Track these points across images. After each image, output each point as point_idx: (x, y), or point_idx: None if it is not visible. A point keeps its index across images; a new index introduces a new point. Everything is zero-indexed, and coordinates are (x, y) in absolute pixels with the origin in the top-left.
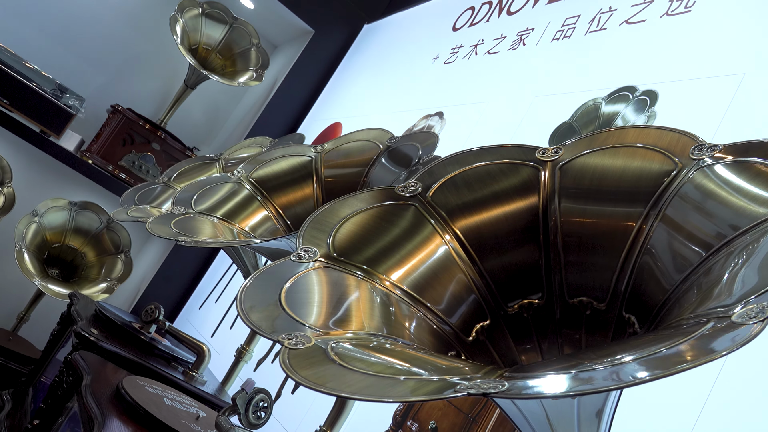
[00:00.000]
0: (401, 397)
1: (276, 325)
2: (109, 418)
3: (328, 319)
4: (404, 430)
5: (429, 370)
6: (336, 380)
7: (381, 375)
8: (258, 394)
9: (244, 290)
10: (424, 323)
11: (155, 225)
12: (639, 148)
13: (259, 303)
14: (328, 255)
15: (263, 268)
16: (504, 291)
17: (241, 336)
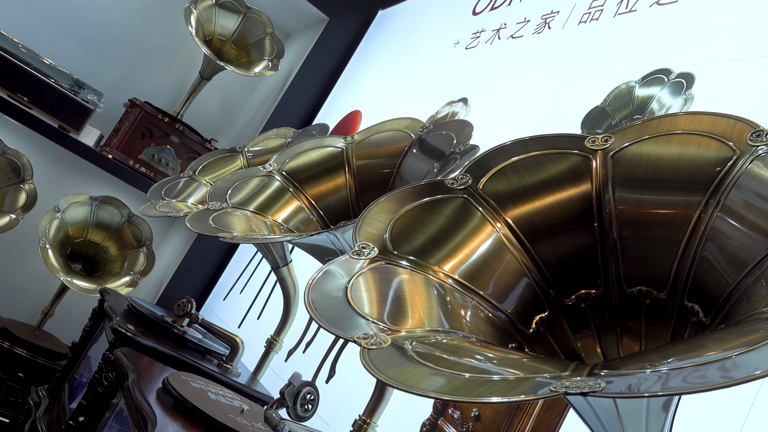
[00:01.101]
0: (497, 398)
1: (347, 324)
2: (160, 414)
3: (393, 316)
4: (445, 417)
5: (515, 367)
6: (426, 381)
7: (471, 375)
8: (305, 387)
9: (310, 290)
10: (483, 315)
11: (194, 222)
12: (693, 135)
13: (326, 302)
14: (385, 250)
15: (324, 267)
16: (560, 281)
17: (269, 326)
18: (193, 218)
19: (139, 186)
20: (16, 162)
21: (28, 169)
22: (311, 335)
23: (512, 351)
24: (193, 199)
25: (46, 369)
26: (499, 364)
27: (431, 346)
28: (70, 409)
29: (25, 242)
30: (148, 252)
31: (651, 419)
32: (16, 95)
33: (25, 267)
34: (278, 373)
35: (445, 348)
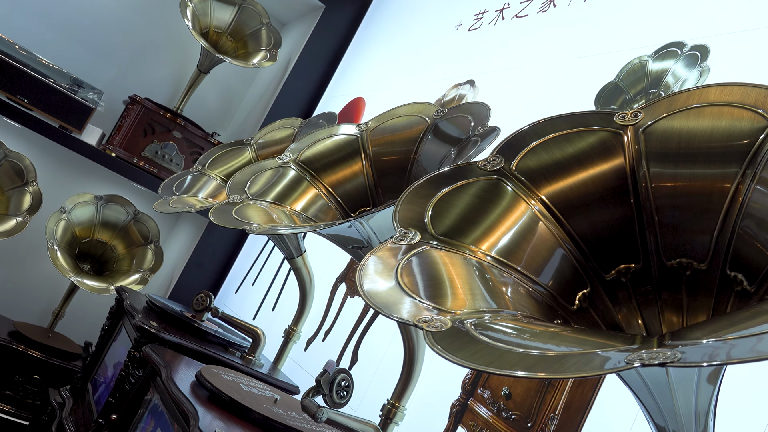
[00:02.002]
0: (575, 373)
1: (403, 309)
2: (199, 408)
3: (443, 298)
4: (475, 397)
5: (581, 344)
6: (499, 360)
7: (541, 353)
8: (340, 374)
9: (361, 278)
10: (524, 291)
11: (218, 216)
12: (725, 107)
13: (378, 289)
14: (426, 234)
15: (370, 254)
16: (599, 256)
17: (284, 317)
18: (217, 212)
19: (144, 183)
20: (18, 164)
21: (31, 171)
22: (329, 324)
23: (567, 327)
24: (203, 194)
25: (61, 370)
26: (563, 340)
27: (490, 325)
28: (97, 407)
29: (32, 245)
30: (156, 249)
31: (700, 390)
32: (16, 97)
33: (33, 269)
34: (298, 363)
35: (503, 326)
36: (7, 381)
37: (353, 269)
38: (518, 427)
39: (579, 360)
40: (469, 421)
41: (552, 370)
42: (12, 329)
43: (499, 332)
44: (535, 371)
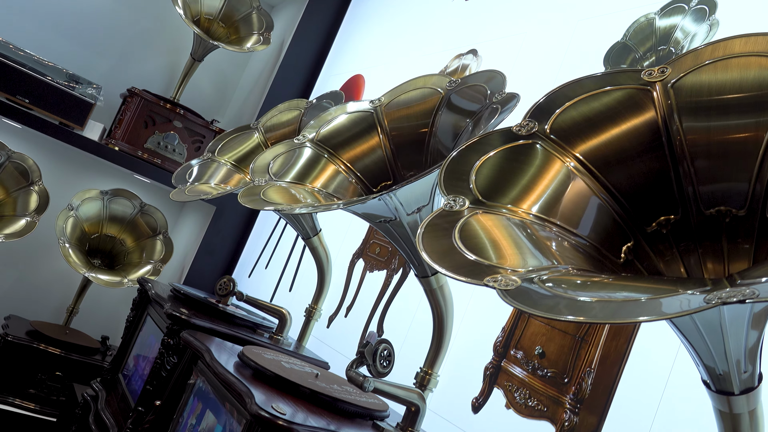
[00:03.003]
0: (656, 316)
1: (469, 271)
2: (252, 386)
3: (502, 258)
4: (508, 359)
5: (652, 291)
6: (580, 311)
7: (616, 300)
8: (381, 344)
9: (421, 246)
10: (575, 248)
11: (247, 200)
12: (752, 57)
13: (441, 255)
14: (474, 199)
15: (424, 223)
16: (639, 209)
17: (301, 297)
18: (245, 197)
19: (148, 175)
20: (22, 165)
21: (35, 171)
22: (350, 300)
23: (629, 277)
24: (215, 180)
25: (82, 365)
26: (636, 289)
27: (556, 279)
28: (133, 396)
29: (41, 244)
30: (165, 239)
31: (750, 331)
32: (16, 98)
33: (44, 268)
34: (322, 340)
35: (567, 280)
36: (30, 379)
37: (369, 245)
38: (555, 383)
39: (658, 305)
40: (504, 382)
41: (636, 314)
42: (30, 328)
43: (568, 285)
44: (618, 318)
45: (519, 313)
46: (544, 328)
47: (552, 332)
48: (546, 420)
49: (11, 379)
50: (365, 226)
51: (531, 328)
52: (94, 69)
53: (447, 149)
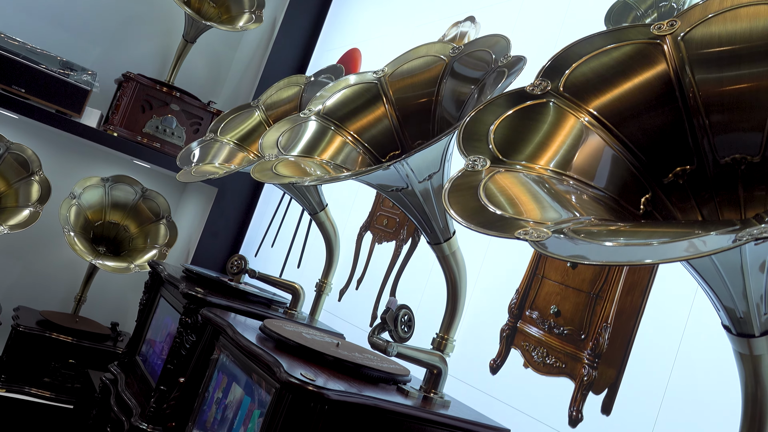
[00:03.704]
0: (693, 254)
1: (499, 227)
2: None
3: (528, 213)
4: (524, 319)
5: (682, 236)
6: (616, 254)
7: (649, 242)
8: (402, 310)
9: (448, 206)
10: (595, 200)
11: (261, 175)
12: (761, 6)
13: (469, 213)
14: (493, 158)
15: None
16: (655, 161)
17: (310, 273)
18: (258, 172)
19: (148, 159)
20: (21, 156)
21: (35, 161)
22: (360, 273)
23: (656, 222)
24: (219, 160)
25: (94, 351)
26: (665, 234)
27: (585, 229)
28: (154, 376)
29: (45, 233)
30: (169, 223)
31: None
32: (12, 87)
33: (49, 258)
34: (334, 313)
35: (597, 228)
36: (44, 368)
37: (376, 217)
38: (572, 340)
39: (692, 245)
40: (521, 342)
41: (672, 254)
42: (40, 318)
43: (596, 233)
44: (660, 257)
45: (532, 275)
46: (558, 287)
47: (566, 291)
48: (565, 376)
49: (25, 369)
50: (371, 199)
51: (545, 289)
52: (86, 56)
53: (453, 117)
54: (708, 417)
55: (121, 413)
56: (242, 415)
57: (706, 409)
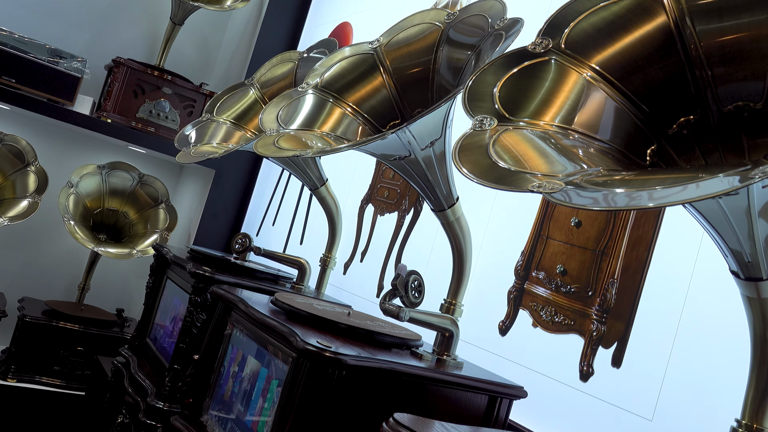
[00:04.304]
0: (709, 193)
1: (511, 182)
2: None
3: (538, 167)
4: (531, 280)
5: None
6: (629, 199)
7: (662, 186)
8: (412, 276)
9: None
10: (602, 152)
11: (264, 149)
12: None
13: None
14: (499, 117)
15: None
16: (659, 112)
17: (313, 249)
18: (261, 147)
19: (143, 144)
20: (15, 147)
21: (29, 152)
22: (364, 245)
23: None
24: (217, 140)
25: (101, 338)
26: (677, 180)
27: (596, 180)
28: (166, 356)
29: (45, 224)
30: (168, 207)
31: None
32: (2, 78)
33: (50, 248)
34: (339, 287)
35: (607, 178)
36: (53, 357)
37: (377, 189)
38: (579, 297)
39: (707, 184)
40: (528, 303)
41: (687, 195)
42: (46, 308)
43: (607, 182)
44: (678, 198)
45: (537, 236)
46: (563, 247)
47: (572, 250)
48: (574, 333)
49: (35, 359)
50: (370, 172)
51: (550, 249)
52: (74, 43)
53: (452, 84)
54: (717, 364)
55: (136, 394)
56: (260, 387)
57: (715, 356)
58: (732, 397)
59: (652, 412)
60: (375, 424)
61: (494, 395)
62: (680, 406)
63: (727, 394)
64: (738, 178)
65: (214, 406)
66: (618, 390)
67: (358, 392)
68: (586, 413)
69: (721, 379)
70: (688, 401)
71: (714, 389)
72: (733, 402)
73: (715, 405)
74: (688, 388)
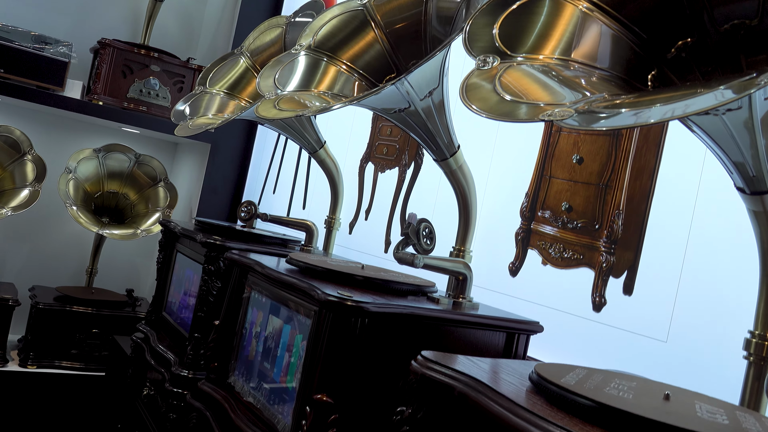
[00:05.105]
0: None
1: (520, 113)
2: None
3: (544, 98)
4: (537, 220)
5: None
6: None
7: (670, 103)
8: (422, 223)
9: (469, 102)
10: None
11: (266, 111)
12: None
13: (489, 107)
14: (502, 54)
15: (463, 85)
16: (656, 37)
17: (316, 212)
18: (263, 110)
19: (136, 124)
20: (10, 137)
21: (24, 141)
22: (367, 203)
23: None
24: (212, 111)
25: (115, 318)
26: (683, 95)
27: (602, 104)
28: (185, 326)
29: (47, 212)
30: (167, 185)
31: None
32: None
33: (55, 235)
34: (346, 246)
35: (614, 101)
36: (70, 341)
37: (376, 147)
38: (587, 232)
39: (716, 95)
40: (537, 242)
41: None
42: (57, 294)
43: (617, 105)
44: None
45: (540, 177)
46: (567, 184)
47: (575, 186)
48: (584, 266)
49: (52, 344)
50: (367, 131)
51: (554, 188)
52: (56, 28)
53: (444, 35)
54: (727, 282)
55: (159, 366)
56: (284, 343)
57: (724, 275)
58: (744, 311)
59: (666, 334)
60: (399, 368)
61: (511, 332)
62: (694, 325)
63: (738, 310)
64: (747, 84)
65: (240, 367)
66: (631, 317)
67: (381, 339)
68: (601, 342)
69: (732, 295)
70: (701, 320)
71: (726, 306)
72: (745, 316)
73: (728, 321)
74: (700, 307)
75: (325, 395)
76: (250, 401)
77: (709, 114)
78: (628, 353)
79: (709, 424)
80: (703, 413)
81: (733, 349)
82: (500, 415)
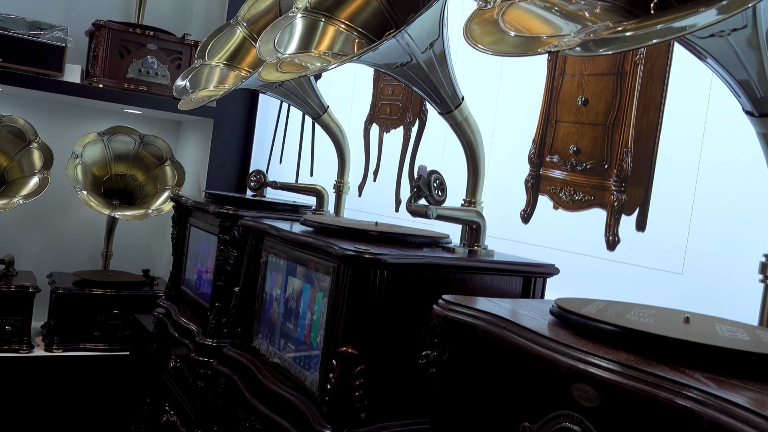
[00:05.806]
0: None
1: (527, 48)
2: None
3: (548, 32)
4: (545, 166)
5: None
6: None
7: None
8: (432, 175)
9: (474, 41)
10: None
11: (267, 73)
12: None
13: (494, 43)
14: None
15: (467, 25)
16: None
17: (325, 177)
18: (266, 73)
19: (138, 104)
20: (14, 127)
21: (29, 129)
22: (375, 164)
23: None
24: (213, 83)
25: (134, 298)
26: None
27: (606, 30)
28: (204, 300)
29: (58, 198)
30: (174, 163)
31: None
32: None
33: (68, 221)
34: (357, 209)
35: (618, 27)
36: (92, 323)
37: (379, 107)
38: (596, 172)
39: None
40: (547, 188)
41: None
42: (75, 279)
43: (621, 30)
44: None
45: (545, 122)
46: (573, 127)
47: (582, 128)
48: (596, 207)
49: (74, 328)
50: (369, 93)
51: (560, 132)
52: (50, 13)
53: None
54: (740, 209)
55: (183, 338)
56: (306, 302)
57: (736, 202)
58: (758, 236)
59: (681, 266)
60: (420, 318)
61: (528, 275)
62: (708, 254)
63: (752, 235)
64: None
65: (263, 330)
66: (645, 252)
67: (400, 290)
68: (617, 280)
69: (746, 221)
70: (716, 249)
71: (740, 232)
72: (760, 240)
73: (742, 247)
74: (714, 236)
75: (350, 347)
76: (276, 362)
77: (714, 36)
78: (644, 288)
79: (730, 341)
80: (724, 332)
81: (750, 274)
82: (525, 348)
